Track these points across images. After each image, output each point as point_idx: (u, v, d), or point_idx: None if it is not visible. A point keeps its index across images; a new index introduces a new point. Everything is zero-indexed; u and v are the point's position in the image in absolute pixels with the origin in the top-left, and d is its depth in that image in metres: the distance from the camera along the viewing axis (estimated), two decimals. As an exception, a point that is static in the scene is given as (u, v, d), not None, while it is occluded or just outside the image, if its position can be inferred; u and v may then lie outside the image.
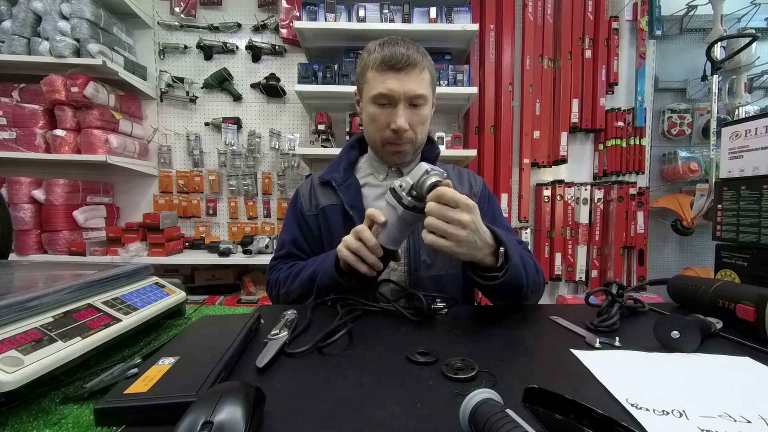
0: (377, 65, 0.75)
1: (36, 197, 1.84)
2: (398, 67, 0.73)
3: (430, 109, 0.82)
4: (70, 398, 0.39)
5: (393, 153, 0.82)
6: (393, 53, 0.74)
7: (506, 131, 2.13)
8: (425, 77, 0.77)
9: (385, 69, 0.74)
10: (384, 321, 0.63)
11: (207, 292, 2.04)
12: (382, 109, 0.77)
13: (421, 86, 0.76)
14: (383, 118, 0.77)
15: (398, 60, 0.73)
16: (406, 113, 0.76)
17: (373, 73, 0.76)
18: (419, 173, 0.58)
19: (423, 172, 0.57)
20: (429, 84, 0.78)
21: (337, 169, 0.87)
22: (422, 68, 0.76)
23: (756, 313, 0.53)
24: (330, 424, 0.34)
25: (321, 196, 0.86)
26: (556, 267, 2.21)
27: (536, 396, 0.29)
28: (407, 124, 0.76)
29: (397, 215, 0.61)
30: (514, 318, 0.66)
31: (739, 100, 1.96)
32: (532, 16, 2.13)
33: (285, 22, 2.10)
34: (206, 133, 2.22)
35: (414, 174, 0.59)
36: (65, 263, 0.77)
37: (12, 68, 1.89)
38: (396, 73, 0.74)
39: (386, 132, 0.78)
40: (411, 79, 0.74)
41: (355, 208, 0.81)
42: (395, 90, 0.74)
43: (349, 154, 0.90)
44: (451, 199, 0.55)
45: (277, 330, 0.53)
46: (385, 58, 0.74)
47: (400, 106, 0.75)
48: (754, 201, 0.76)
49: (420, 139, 0.82)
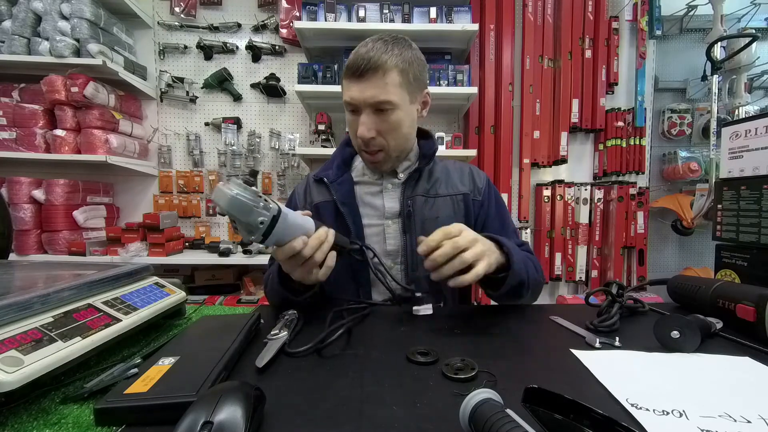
0: (344, 71, 0.73)
1: (36, 197, 1.84)
2: (358, 73, 0.70)
3: (406, 111, 0.75)
4: (70, 398, 0.39)
5: (369, 161, 0.81)
6: (355, 58, 0.70)
7: (506, 131, 2.13)
8: (391, 80, 0.70)
9: (348, 76, 0.72)
10: (384, 321, 0.63)
11: (207, 292, 2.04)
12: (352, 116, 0.76)
13: (384, 91, 0.70)
14: (354, 125, 0.75)
15: (358, 66, 0.69)
16: (371, 120, 0.72)
17: (343, 80, 0.75)
18: None
19: None
20: (398, 86, 0.72)
21: (330, 166, 0.87)
22: (386, 70, 0.70)
23: (756, 313, 0.53)
24: (330, 424, 0.34)
25: (315, 193, 0.85)
26: (556, 267, 2.21)
27: (536, 396, 0.29)
28: (372, 132, 0.73)
29: None
30: (514, 318, 0.66)
31: (739, 100, 1.96)
32: (532, 16, 2.13)
33: (285, 22, 2.10)
34: (206, 133, 2.22)
35: None
36: (65, 263, 0.77)
37: (12, 68, 1.89)
38: (357, 79, 0.71)
39: (358, 139, 0.76)
40: (371, 85, 0.70)
41: (346, 205, 0.80)
42: (355, 98, 0.71)
43: (343, 152, 0.89)
44: (441, 245, 0.57)
45: (277, 330, 0.53)
46: (348, 64, 0.71)
47: (364, 114, 0.72)
48: (754, 201, 0.76)
49: (394, 144, 0.77)
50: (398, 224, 0.81)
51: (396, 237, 0.81)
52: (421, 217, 0.80)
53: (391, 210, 0.81)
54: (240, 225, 0.49)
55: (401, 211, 0.81)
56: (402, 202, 0.81)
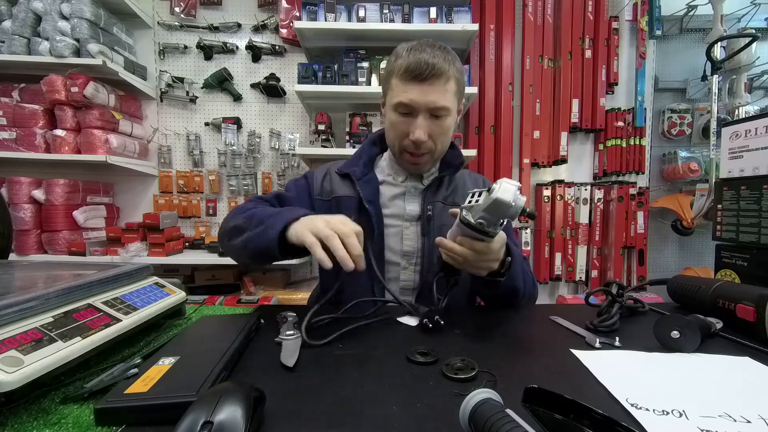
0: (401, 73, 0.73)
1: (36, 197, 1.84)
2: (422, 77, 0.71)
3: (455, 118, 0.80)
4: (70, 398, 0.39)
5: (411, 163, 0.82)
6: (418, 62, 0.71)
7: (506, 131, 2.13)
8: (450, 87, 0.74)
9: (409, 78, 0.72)
10: (384, 321, 0.63)
11: (207, 292, 2.04)
12: (402, 117, 0.76)
13: (444, 98, 0.73)
14: (403, 127, 0.76)
15: (422, 70, 0.70)
16: (426, 124, 0.74)
17: (396, 81, 0.75)
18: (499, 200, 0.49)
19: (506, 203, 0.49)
20: (454, 94, 0.76)
21: (357, 163, 0.87)
22: (447, 78, 0.73)
23: (756, 313, 0.53)
24: (330, 424, 0.34)
25: (337, 186, 0.86)
26: (556, 267, 2.20)
27: (536, 396, 0.29)
28: (426, 136, 0.75)
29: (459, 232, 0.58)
30: (514, 318, 0.66)
31: (739, 100, 1.96)
32: (532, 16, 2.13)
33: (285, 22, 2.10)
34: (206, 133, 2.22)
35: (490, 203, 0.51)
36: (65, 263, 0.77)
37: (12, 68, 1.89)
38: (419, 83, 0.72)
39: (405, 141, 0.77)
40: (434, 90, 0.72)
41: (372, 203, 0.81)
42: (416, 101, 0.72)
43: (370, 150, 0.90)
44: (485, 248, 0.57)
45: (291, 331, 0.53)
46: (409, 67, 0.72)
47: (421, 117, 0.74)
48: (754, 201, 0.76)
49: (440, 149, 0.81)
50: (416, 227, 0.83)
51: (412, 239, 0.83)
52: (440, 223, 0.82)
53: (412, 212, 0.84)
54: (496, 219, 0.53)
55: (422, 214, 0.83)
56: (423, 207, 0.83)
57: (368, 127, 2.04)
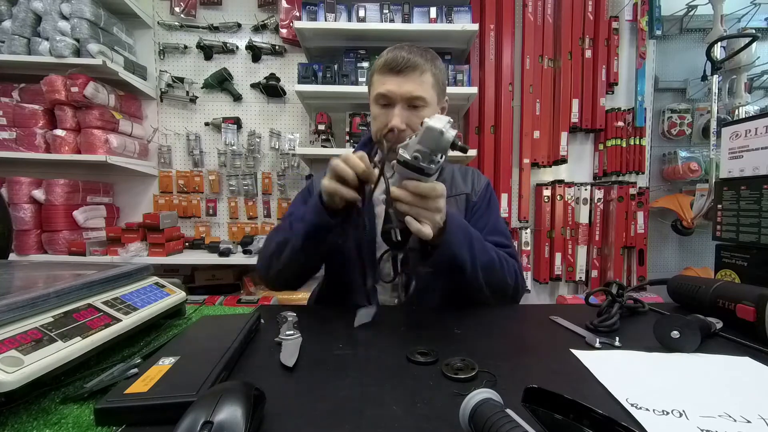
0: (380, 68, 0.80)
1: (36, 197, 1.84)
2: (397, 69, 0.77)
3: (434, 110, 0.82)
4: (70, 398, 0.39)
5: (391, 150, 0.83)
6: (394, 56, 0.77)
7: (506, 131, 2.13)
8: (426, 79, 0.79)
9: (386, 71, 0.78)
10: (384, 321, 0.63)
11: (207, 292, 2.04)
12: (382, 109, 0.80)
13: (421, 88, 0.78)
14: (383, 118, 0.80)
15: (398, 62, 0.76)
16: (404, 114, 0.78)
17: (377, 76, 0.81)
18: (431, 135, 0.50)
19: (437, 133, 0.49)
20: (431, 86, 0.80)
21: None
22: (423, 71, 0.78)
23: (756, 313, 0.53)
24: (330, 424, 0.34)
25: None
26: (556, 267, 2.20)
27: (536, 396, 0.29)
28: (403, 124, 0.78)
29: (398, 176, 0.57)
30: (514, 318, 0.66)
31: (739, 100, 1.96)
32: (532, 16, 2.13)
33: (285, 22, 2.10)
34: (206, 133, 2.22)
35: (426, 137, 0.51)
36: (65, 263, 0.77)
37: (12, 68, 1.89)
38: (395, 75, 0.77)
39: (384, 130, 0.80)
40: (409, 81, 0.77)
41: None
42: (393, 91, 0.77)
43: (363, 149, 0.92)
44: (428, 189, 0.55)
45: (291, 331, 0.53)
46: (386, 61, 0.78)
47: (398, 106, 0.78)
48: (754, 201, 0.76)
49: None
50: None
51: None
52: None
53: None
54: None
55: None
56: None
57: (368, 127, 2.04)
